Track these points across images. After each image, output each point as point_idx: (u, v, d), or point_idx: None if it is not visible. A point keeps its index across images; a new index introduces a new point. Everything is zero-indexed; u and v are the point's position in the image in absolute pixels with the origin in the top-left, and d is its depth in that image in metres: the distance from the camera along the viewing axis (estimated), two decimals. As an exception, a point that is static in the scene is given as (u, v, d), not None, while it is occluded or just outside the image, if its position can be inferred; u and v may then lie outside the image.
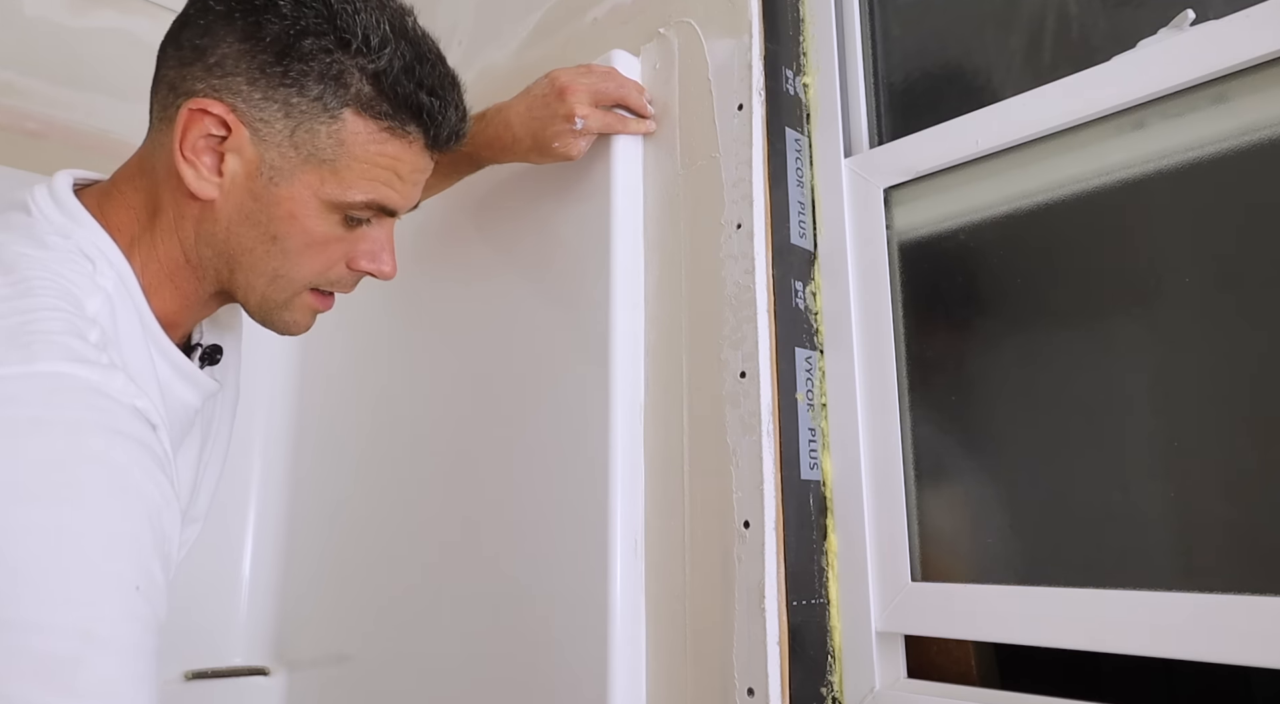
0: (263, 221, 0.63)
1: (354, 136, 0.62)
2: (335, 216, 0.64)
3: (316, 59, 0.60)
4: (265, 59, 0.60)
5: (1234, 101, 0.65)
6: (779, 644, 0.73)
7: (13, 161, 1.25)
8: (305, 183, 0.62)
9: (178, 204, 0.63)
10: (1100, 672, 1.12)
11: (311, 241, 0.64)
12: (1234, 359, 0.63)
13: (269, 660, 1.31)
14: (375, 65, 0.61)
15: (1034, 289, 0.74)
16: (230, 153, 0.61)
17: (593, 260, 0.90)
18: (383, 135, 0.63)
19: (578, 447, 0.87)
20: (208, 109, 0.59)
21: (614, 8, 1.03)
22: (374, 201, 0.64)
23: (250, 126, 0.60)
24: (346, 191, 0.63)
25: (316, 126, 0.61)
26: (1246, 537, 0.61)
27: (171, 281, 0.65)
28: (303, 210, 0.63)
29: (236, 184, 0.62)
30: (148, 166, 0.64)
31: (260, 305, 0.67)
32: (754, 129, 0.83)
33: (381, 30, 0.61)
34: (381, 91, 0.62)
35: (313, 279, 0.67)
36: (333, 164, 0.62)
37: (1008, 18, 0.81)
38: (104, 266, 0.60)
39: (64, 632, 0.47)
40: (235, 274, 0.65)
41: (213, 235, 0.63)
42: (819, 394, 0.82)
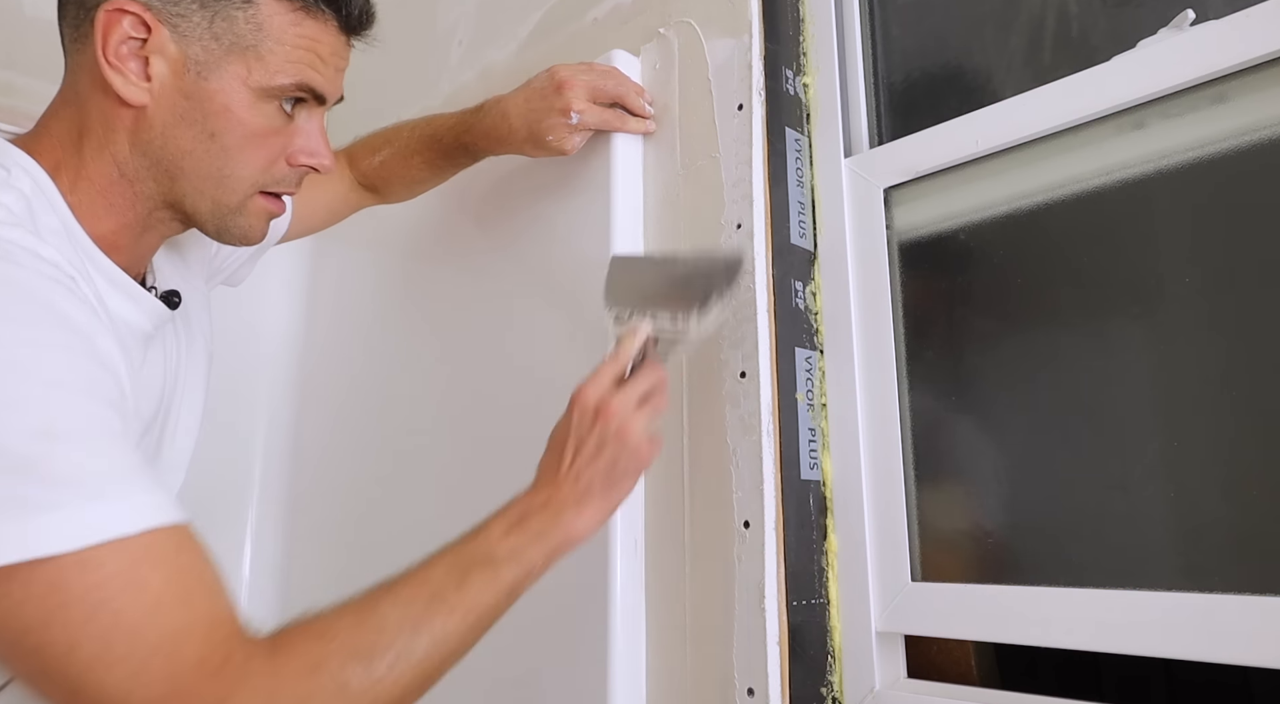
0: (198, 119, 0.62)
1: (270, 19, 0.62)
2: (269, 106, 0.64)
3: None
4: None
5: (1234, 101, 0.65)
6: (779, 644, 0.73)
7: (13, 161, 1.25)
8: (233, 73, 0.62)
9: (106, 118, 0.62)
10: (1100, 672, 1.12)
11: (249, 134, 0.64)
12: (1234, 359, 0.63)
13: (269, 660, 1.30)
14: None
15: (1034, 289, 0.74)
16: (154, 55, 0.60)
17: (593, 260, 0.90)
18: (298, 15, 0.63)
19: (578, 447, 0.87)
20: (124, 8, 0.59)
21: (614, 8, 1.03)
22: (302, 83, 0.64)
23: (169, 24, 0.60)
24: (274, 76, 0.63)
25: (233, 13, 0.61)
26: (1246, 537, 0.61)
27: (105, 199, 0.63)
28: (235, 101, 0.62)
29: (165, 86, 0.61)
30: (70, 96, 0.64)
31: (212, 212, 0.66)
32: (754, 129, 0.83)
33: None
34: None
35: (258, 176, 0.66)
36: (255, 49, 0.62)
37: (1008, 18, 0.81)
38: (18, 172, 0.59)
39: (19, 431, 0.47)
40: (179, 181, 0.64)
41: (149, 143, 0.62)
42: (819, 394, 0.83)
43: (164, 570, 0.49)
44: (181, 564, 0.51)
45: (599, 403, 0.67)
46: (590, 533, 0.67)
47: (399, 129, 0.99)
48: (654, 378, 0.69)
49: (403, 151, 0.98)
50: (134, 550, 0.48)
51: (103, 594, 0.47)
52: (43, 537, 0.46)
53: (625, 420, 0.66)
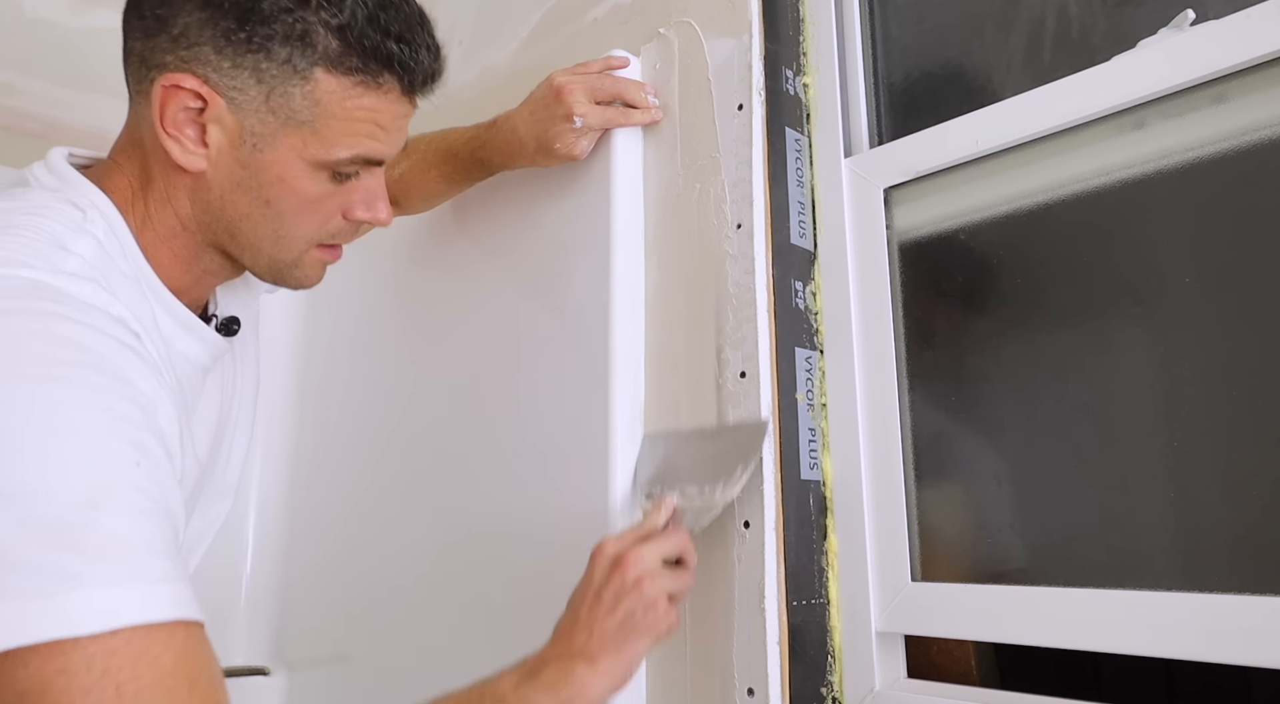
0: (254, 187, 0.62)
1: (328, 95, 0.61)
2: (323, 174, 0.63)
3: (278, 20, 0.58)
4: (228, 26, 0.58)
5: (1234, 101, 0.65)
6: (779, 644, 0.73)
7: (13, 161, 1.24)
8: (289, 146, 0.61)
9: (168, 176, 0.63)
10: (1100, 672, 1.12)
11: (304, 201, 0.64)
12: (1234, 359, 0.63)
13: (269, 660, 1.30)
14: (338, 19, 0.59)
15: (1034, 289, 0.74)
16: (211, 123, 0.60)
17: (593, 260, 0.90)
18: (357, 89, 0.61)
19: (578, 446, 0.87)
20: (180, 84, 0.59)
21: (614, 8, 1.03)
22: (359, 156, 0.64)
23: (225, 96, 0.59)
24: (330, 150, 0.62)
25: (290, 89, 0.60)
26: (1246, 537, 0.61)
27: (168, 245, 0.64)
28: (290, 172, 0.62)
29: (222, 153, 0.61)
30: (135, 138, 0.64)
31: (269, 267, 0.67)
32: (754, 129, 0.83)
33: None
34: (349, 45, 0.60)
35: (313, 236, 0.67)
36: (312, 125, 0.61)
37: (1008, 18, 0.81)
38: (94, 215, 0.60)
39: (67, 499, 0.47)
40: (237, 239, 0.65)
41: (208, 204, 0.63)
42: (819, 394, 0.82)
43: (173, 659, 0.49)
44: (191, 655, 0.51)
45: (618, 553, 0.66)
46: (605, 693, 0.63)
47: (415, 142, 0.98)
48: (680, 542, 0.68)
49: (420, 165, 0.98)
50: (149, 637, 0.48)
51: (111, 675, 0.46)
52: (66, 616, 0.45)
53: (645, 571, 0.64)
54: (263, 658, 1.31)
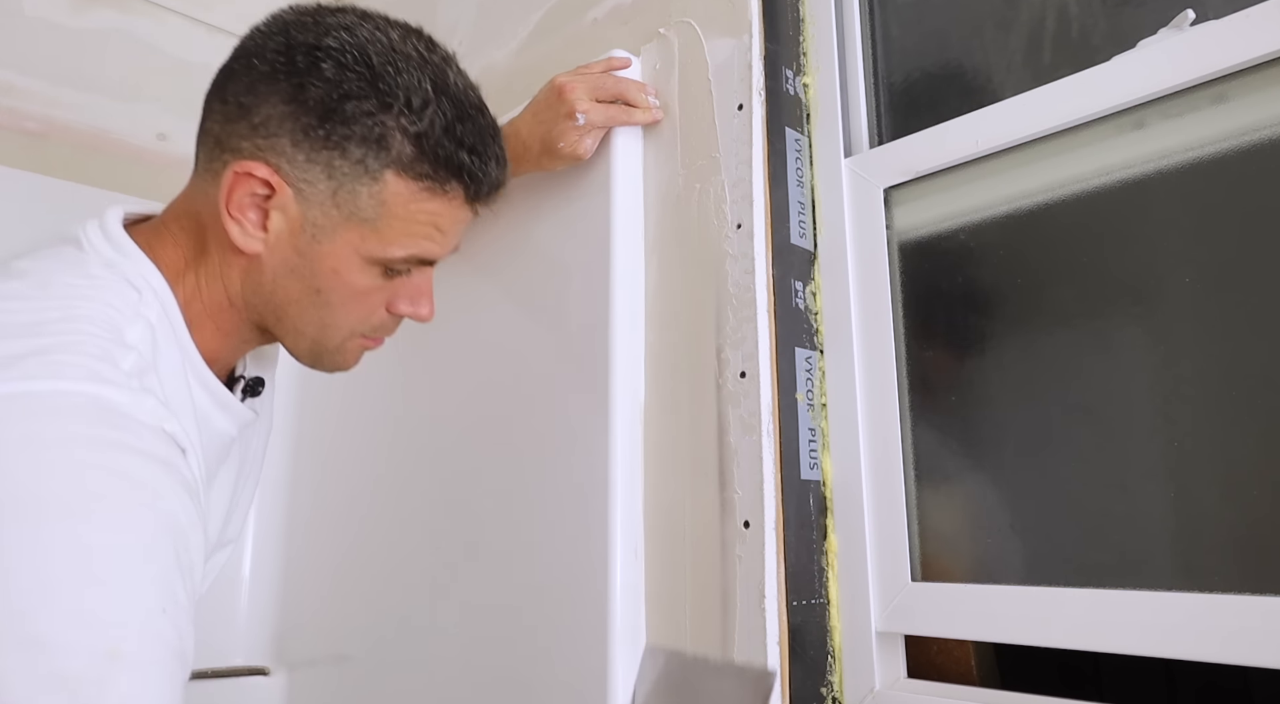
0: (306, 276, 0.64)
1: (395, 197, 0.62)
2: (376, 269, 0.65)
3: (359, 122, 0.60)
4: (309, 122, 0.60)
5: (1234, 101, 0.65)
6: (779, 644, 0.73)
7: (13, 161, 1.25)
8: (347, 240, 0.63)
9: (223, 253, 0.64)
10: (1100, 672, 1.12)
11: (353, 293, 0.65)
12: (1234, 359, 0.63)
13: (269, 660, 1.31)
14: (416, 127, 0.61)
15: (1034, 289, 0.74)
16: (275, 210, 0.62)
17: (593, 260, 0.90)
18: (423, 194, 0.63)
19: (577, 446, 0.87)
20: (253, 172, 0.60)
21: (614, 8, 1.03)
22: (414, 256, 0.65)
23: (294, 186, 0.61)
24: (387, 249, 0.63)
25: (358, 187, 0.61)
26: (1246, 537, 0.61)
27: (214, 320, 0.66)
28: (345, 266, 0.64)
29: (281, 239, 0.63)
30: (194, 210, 0.65)
31: (310, 350, 0.69)
32: (754, 129, 0.83)
33: (423, 90, 0.61)
34: (422, 152, 0.62)
35: (357, 327, 0.68)
36: (374, 223, 0.62)
37: (1008, 18, 0.81)
38: (149, 297, 0.61)
39: (89, 651, 0.46)
40: (282, 322, 0.67)
41: (259, 285, 0.65)
42: (819, 394, 0.83)
43: None
44: None
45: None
46: None
47: None
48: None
49: None
50: None
51: None
52: None
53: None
54: (263, 658, 1.31)
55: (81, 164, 1.32)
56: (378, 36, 0.61)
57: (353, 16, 0.63)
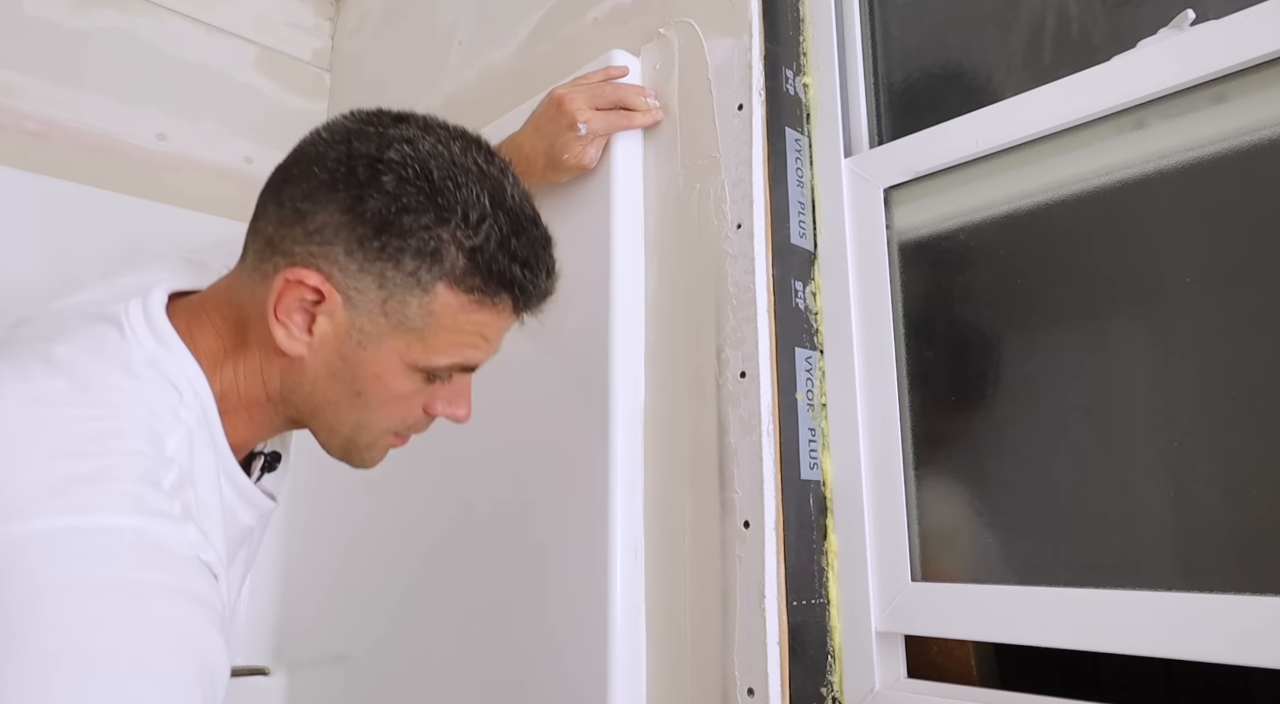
0: (348, 380, 0.64)
1: (444, 308, 0.62)
2: (419, 375, 0.65)
3: (415, 235, 0.60)
4: (365, 233, 0.60)
5: (1234, 101, 0.65)
6: (779, 644, 0.73)
7: (13, 161, 1.25)
8: (392, 348, 0.63)
9: (265, 351, 0.64)
10: (1100, 672, 1.12)
11: (393, 396, 0.65)
12: (1234, 359, 0.63)
13: (269, 660, 1.31)
14: (472, 241, 0.61)
15: (1034, 289, 0.74)
16: (322, 315, 0.61)
17: (593, 260, 0.90)
18: (473, 306, 0.63)
19: (577, 447, 0.87)
20: (304, 280, 0.60)
21: (614, 8, 1.03)
22: (458, 364, 0.65)
23: (344, 294, 0.61)
24: (432, 357, 0.63)
25: (409, 298, 0.61)
26: (1246, 537, 0.61)
27: (248, 412, 0.66)
28: (389, 372, 0.63)
29: (325, 343, 0.62)
30: (238, 301, 0.65)
31: (342, 447, 0.69)
32: (754, 129, 0.83)
33: (480, 204, 0.61)
34: (476, 266, 0.61)
35: (392, 427, 0.68)
36: (421, 332, 0.62)
37: (1008, 18, 0.81)
38: (190, 398, 0.61)
39: None
40: (318, 419, 0.67)
41: (299, 385, 0.65)
42: (819, 394, 0.82)
43: None
44: None
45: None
46: None
47: None
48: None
49: None
50: None
51: None
52: None
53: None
54: (263, 658, 1.31)
55: (81, 164, 1.32)
56: (439, 150, 0.61)
57: (415, 128, 0.62)
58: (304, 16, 1.65)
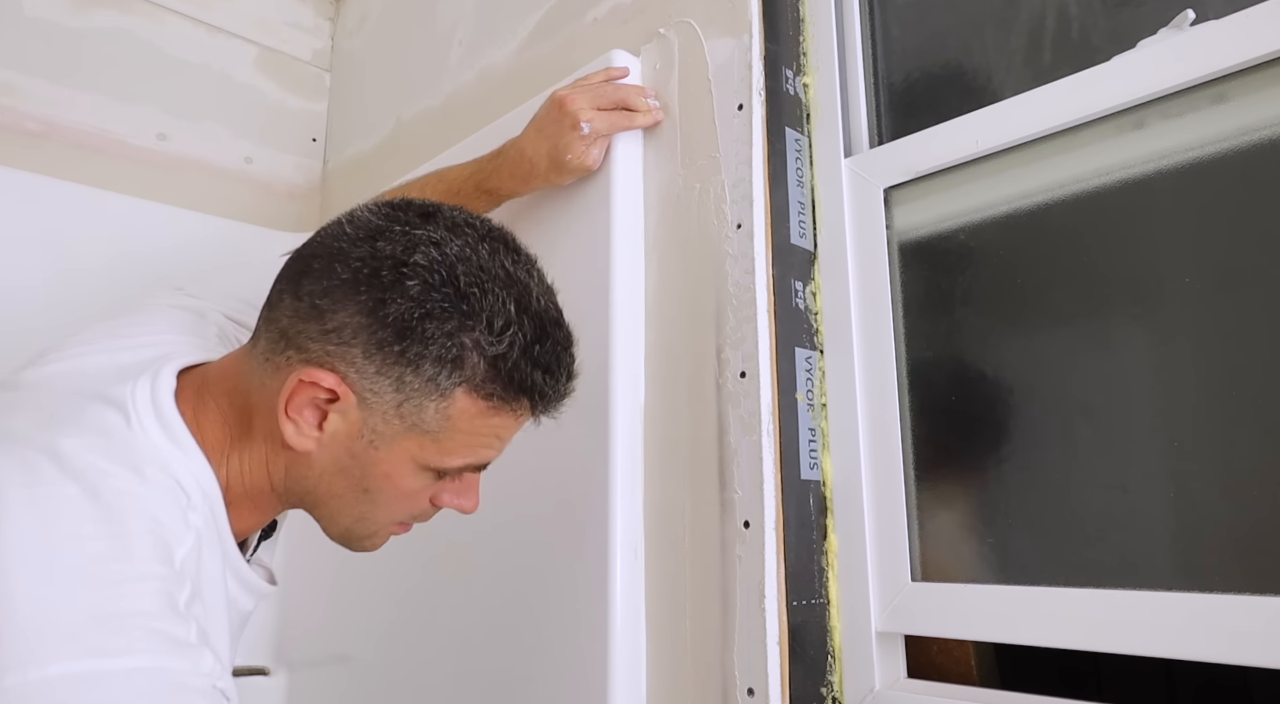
0: (356, 476, 0.62)
1: (461, 412, 0.60)
2: (430, 474, 0.64)
3: (437, 342, 0.58)
4: (385, 337, 0.58)
5: (1234, 101, 0.65)
6: (779, 644, 0.73)
7: (13, 161, 1.25)
8: (405, 449, 0.61)
9: (271, 443, 0.63)
10: (1100, 672, 1.13)
11: (402, 493, 0.64)
12: (1234, 359, 0.63)
13: (269, 660, 1.31)
14: (495, 349, 0.59)
15: (1034, 289, 0.74)
16: (335, 413, 0.60)
17: (593, 260, 0.90)
18: (490, 411, 0.61)
19: (578, 447, 0.87)
20: (319, 382, 0.58)
21: (614, 8, 1.03)
22: (471, 465, 0.64)
23: (359, 394, 0.59)
24: (444, 458, 0.62)
25: (425, 402, 0.59)
26: (1246, 537, 0.61)
27: (252, 502, 0.65)
28: (399, 472, 0.62)
29: (336, 440, 0.61)
30: (245, 389, 0.63)
31: (343, 536, 0.68)
32: (754, 129, 0.83)
33: (506, 312, 0.59)
34: (497, 374, 0.60)
35: (397, 518, 0.67)
36: (435, 435, 0.61)
37: (1008, 18, 0.81)
38: (198, 500, 0.60)
39: None
40: (320, 509, 0.66)
41: (303, 478, 0.63)
42: (819, 394, 0.82)
43: None
44: None
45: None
46: None
47: (408, 189, 0.97)
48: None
49: None
50: None
51: None
52: None
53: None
54: (263, 658, 1.31)
55: (81, 164, 1.32)
56: (467, 254, 0.59)
57: (443, 230, 0.60)
58: (304, 16, 1.65)
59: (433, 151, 1.17)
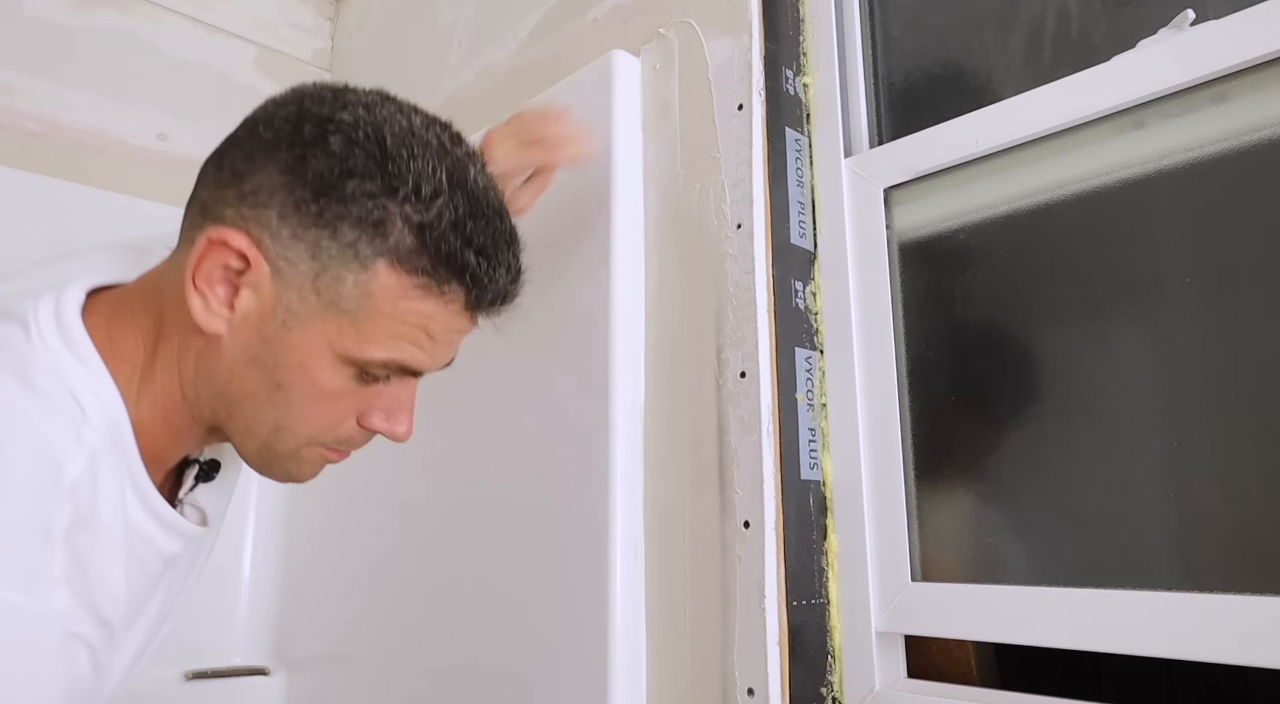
0: (269, 367, 0.56)
1: (383, 289, 0.55)
2: (349, 370, 0.57)
3: (358, 202, 0.54)
4: (302, 195, 0.54)
5: (1234, 101, 0.65)
6: (779, 644, 0.73)
7: (13, 161, 1.25)
8: (320, 331, 0.55)
9: (183, 333, 0.57)
10: (1100, 672, 1.12)
11: (318, 394, 0.57)
12: (1234, 359, 0.63)
13: (269, 660, 1.31)
14: (422, 216, 0.54)
15: (1034, 289, 0.74)
16: (246, 288, 0.55)
17: (593, 260, 0.90)
18: (417, 292, 0.55)
19: (578, 447, 0.87)
20: (228, 241, 0.54)
21: (614, 8, 1.03)
22: (394, 361, 0.57)
23: (272, 264, 0.54)
24: (364, 347, 0.56)
25: (344, 273, 0.54)
26: (1246, 537, 0.61)
27: (164, 418, 0.59)
28: (313, 360, 0.56)
29: (247, 322, 0.55)
30: (161, 284, 0.59)
31: (258, 453, 0.60)
32: (754, 129, 0.83)
33: (436, 179, 0.55)
34: (423, 245, 0.55)
35: (318, 434, 0.60)
36: (354, 316, 0.55)
37: (1008, 18, 0.81)
38: (95, 417, 0.54)
39: None
40: (233, 418, 0.59)
41: (214, 373, 0.57)
42: (819, 394, 0.82)
43: None
44: None
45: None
46: None
47: None
48: None
49: None
50: None
51: None
52: None
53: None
54: (263, 658, 1.31)
55: (81, 164, 1.32)
56: (398, 118, 0.56)
57: (376, 96, 0.58)
58: (304, 16, 1.65)
59: (433, 151, 1.17)
